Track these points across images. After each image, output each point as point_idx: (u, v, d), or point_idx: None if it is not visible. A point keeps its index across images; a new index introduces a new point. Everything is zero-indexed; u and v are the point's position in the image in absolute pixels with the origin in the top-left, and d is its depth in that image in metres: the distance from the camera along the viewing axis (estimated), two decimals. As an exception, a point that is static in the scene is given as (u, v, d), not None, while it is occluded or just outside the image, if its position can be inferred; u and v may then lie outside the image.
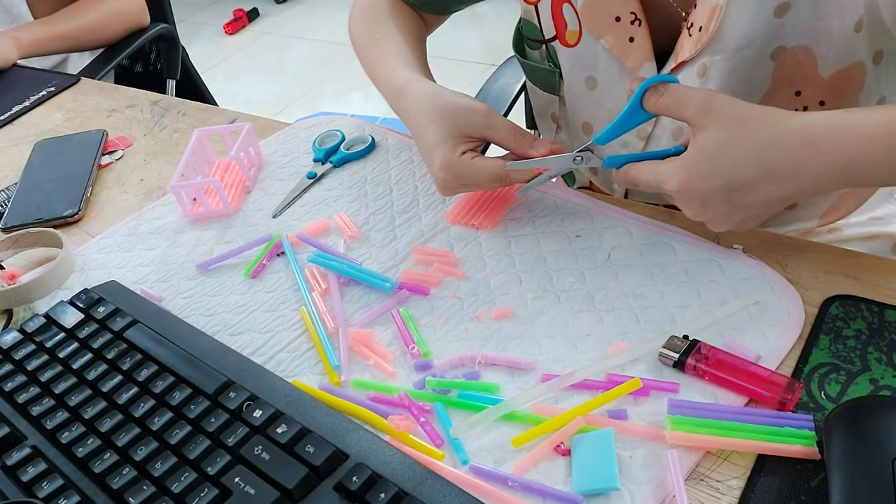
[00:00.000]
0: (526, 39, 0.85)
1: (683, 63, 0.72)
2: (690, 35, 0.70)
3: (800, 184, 0.56)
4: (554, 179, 0.75)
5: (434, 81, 0.76)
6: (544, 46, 0.82)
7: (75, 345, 0.63)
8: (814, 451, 0.48)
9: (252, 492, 0.49)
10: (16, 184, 0.91)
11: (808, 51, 0.67)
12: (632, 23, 0.72)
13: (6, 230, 0.83)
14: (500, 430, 0.54)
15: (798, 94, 0.70)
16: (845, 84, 0.69)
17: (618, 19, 0.73)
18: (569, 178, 0.98)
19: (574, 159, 0.64)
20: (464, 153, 0.68)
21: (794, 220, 0.82)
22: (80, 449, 0.54)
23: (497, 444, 0.53)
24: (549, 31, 0.80)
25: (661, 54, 0.74)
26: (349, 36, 0.90)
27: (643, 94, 0.60)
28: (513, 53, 0.91)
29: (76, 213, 0.85)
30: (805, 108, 0.70)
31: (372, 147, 0.86)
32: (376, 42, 0.84)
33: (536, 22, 0.81)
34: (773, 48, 0.67)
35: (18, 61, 1.28)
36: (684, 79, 0.72)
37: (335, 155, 0.86)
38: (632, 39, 0.73)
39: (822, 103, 0.70)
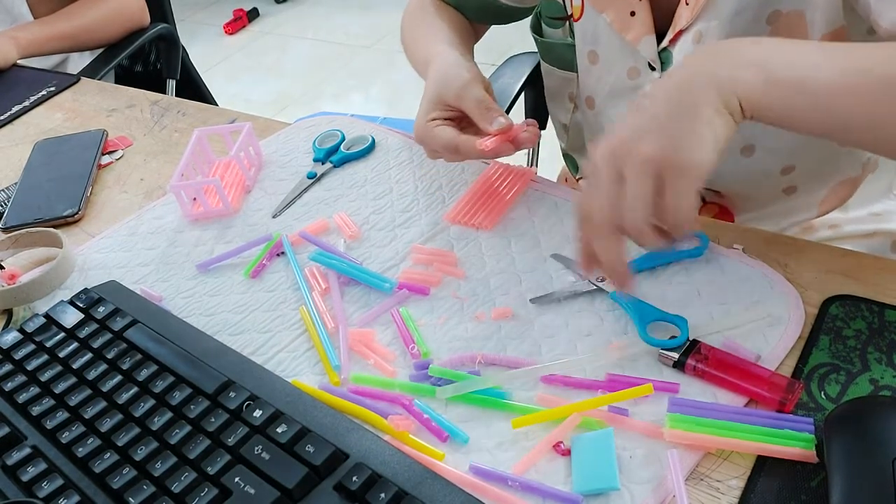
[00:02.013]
0: (545, 19, 0.86)
1: (680, 32, 0.72)
2: (688, 4, 0.70)
3: (716, 66, 0.53)
4: (555, 179, 0.75)
5: (470, 57, 0.77)
6: (567, 23, 0.83)
7: (75, 345, 0.63)
8: (812, 454, 0.48)
9: (252, 492, 0.49)
10: (16, 184, 0.91)
11: (800, 15, 0.67)
12: None
13: (6, 230, 0.83)
14: (500, 430, 0.54)
15: None
16: None
17: None
18: (571, 166, 0.98)
19: (597, 278, 0.63)
20: (433, 119, 0.70)
21: (793, 212, 0.83)
22: (80, 449, 0.54)
23: (497, 443, 0.53)
24: (569, 6, 0.81)
25: (660, 28, 0.74)
26: (401, 39, 0.92)
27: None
28: (513, 53, 0.92)
29: (76, 213, 0.85)
30: None
31: (372, 147, 0.86)
32: (422, 35, 0.87)
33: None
34: (769, 12, 0.68)
35: (18, 61, 1.28)
36: (681, 47, 0.73)
37: (335, 155, 0.86)
38: (633, 13, 0.74)
39: None
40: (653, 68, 0.76)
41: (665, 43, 0.74)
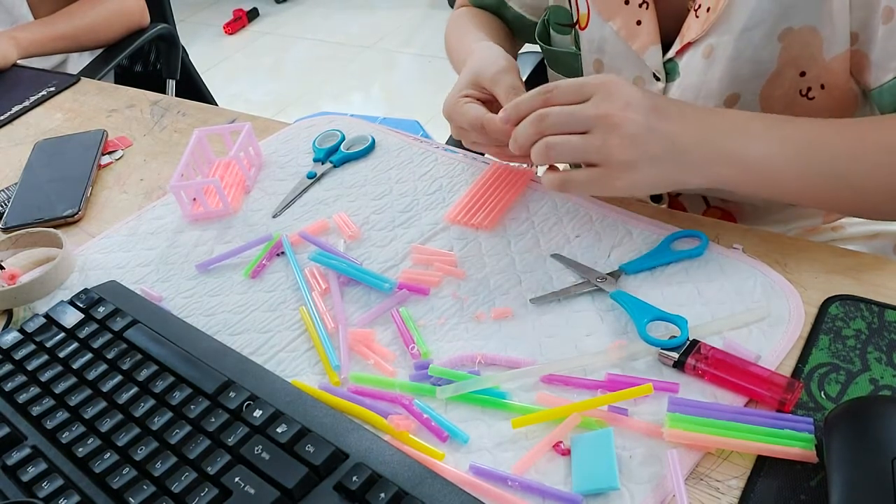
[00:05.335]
0: (554, 25, 0.86)
1: (689, 44, 0.72)
2: (698, 16, 0.70)
3: (700, 156, 0.60)
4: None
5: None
6: (573, 31, 0.83)
7: (75, 345, 0.63)
8: (812, 454, 0.48)
9: (252, 492, 0.49)
10: (16, 184, 0.91)
11: (814, 31, 0.67)
12: (640, 6, 0.73)
13: (6, 230, 0.84)
14: (500, 430, 0.54)
15: (803, 74, 0.70)
16: (842, 67, 0.69)
17: (626, 2, 0.74)
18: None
19: (597, 278, 0.63)
20: (465, 96, 0.71)
21: (799, 217, 0.82)
22: (80, 449, 0.54)
23: (497, 443, 0.53)
24: (576, 14, 0.82)
25: (667, 38, 0.74)
26: (445, 47, 0.95)
27: (671, 241, 0.65)
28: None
29: (76, 213, 0.85)
30: (808, 89, 0.71)
31: (372, 147, 0.86)
32: (466, 37, 0.89)
33: (568, 5, 0.82)
34: (781, 29, 0.67)
35: (18, 61, 1.28)
36: (689, 60, 0.73)
37: (335, 155, 0.86)
38: (639, 23, 0.74)
39: (822, 87, 0.70)
40: (657, 79, 0.76)
41: (671, 54, 0.74)
